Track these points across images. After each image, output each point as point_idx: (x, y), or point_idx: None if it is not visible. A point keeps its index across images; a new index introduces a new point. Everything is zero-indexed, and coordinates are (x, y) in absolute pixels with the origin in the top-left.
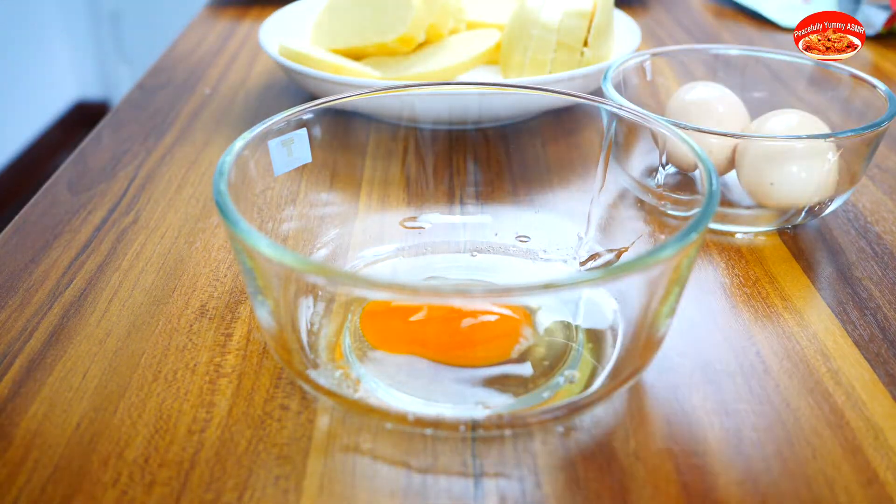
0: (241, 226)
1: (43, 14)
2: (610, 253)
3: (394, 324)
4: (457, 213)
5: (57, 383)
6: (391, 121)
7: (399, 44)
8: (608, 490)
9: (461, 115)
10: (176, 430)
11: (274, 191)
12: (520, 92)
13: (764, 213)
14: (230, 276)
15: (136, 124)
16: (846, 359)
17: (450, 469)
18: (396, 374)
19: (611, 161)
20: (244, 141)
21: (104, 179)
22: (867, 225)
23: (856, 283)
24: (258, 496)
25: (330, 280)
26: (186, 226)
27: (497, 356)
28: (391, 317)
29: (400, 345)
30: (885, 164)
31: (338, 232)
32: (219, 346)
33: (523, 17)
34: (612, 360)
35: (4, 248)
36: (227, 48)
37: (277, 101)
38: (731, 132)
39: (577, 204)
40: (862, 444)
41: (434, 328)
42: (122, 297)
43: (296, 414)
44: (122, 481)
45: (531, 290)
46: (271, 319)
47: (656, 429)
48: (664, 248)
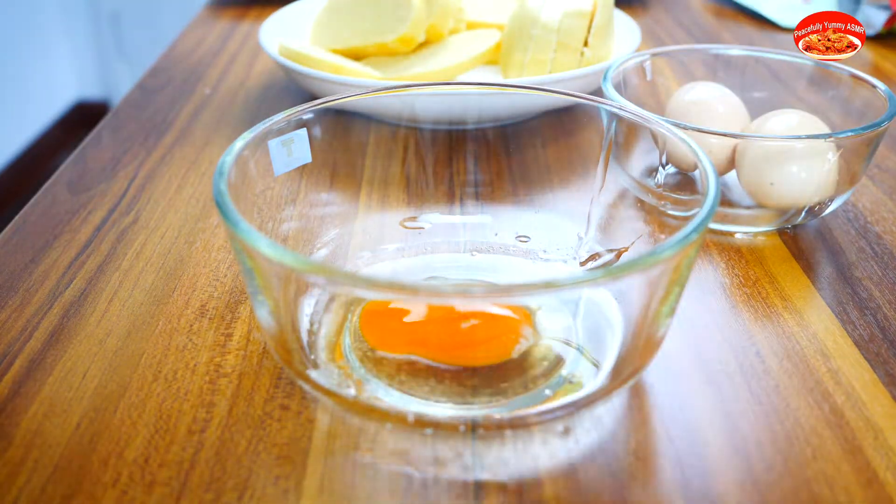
0: (241, 226)
1: (43, 14)
2: (610, 253)
3: (393, 324)
4: (457, 213)
5: (57, 383)
6: (391, 121)
7: (399, 44)
8: (608, 490)
9: (461, 115)
10: (176, 430)
11: (274, 191)
12: (520, 92)
13: (764, 213)
14: (230, 276)
15: (136, 124)
16: (846, 359)
17: (450, 469)
18: (396, 374)
19: (611, 161)
20: (244, 141)
21: (104, 179)
22: (867, 225)
23: (856, 283)
24: (258, 496)
25: (330, 280)
26: (186, 226)
27: (497, 356)
28: (390, 317)
29: (400, 345)
30: (885, 164)
31: (338, 232)
32: (219, 346)
33: (523, 17)
34: (612, 360)
35: (4, 248)
36: (227, 48)
37: (277, 101)
38: (731, 132)
39: (577, 204)
40: (862, 444)
41: (434, 328)
42: (122, 297)
43: (296, 414)
44: (122, 481)
45: (531, 290)
46: (271, 319)
47: (656, 429)
48: (664, 248)
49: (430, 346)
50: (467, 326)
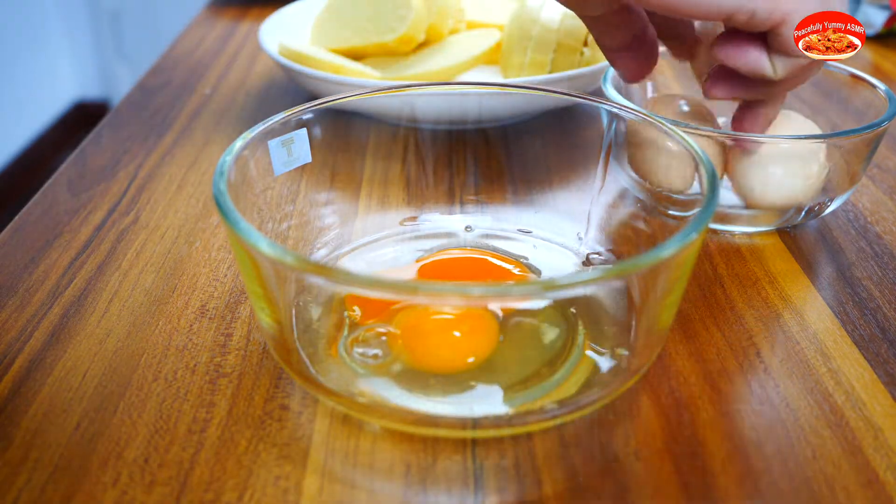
0: (241, 225)
1: (43, 14)
2: (610, 253)
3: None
4: (457, 213)
5: (57, 383)
6: (391, 121)
7: (399, 44)
8: (608, 490)
9: (461, 115)
10: (176, 430)
11: (274, 191)
12: (520, 92)
13: (763, 213)
14: (230, 276)
15: (136, 124)
16: (846, 359)
17: (450, 469)
18: (397, 374)
19: (611, 161)
20: (244, 141)
21: (104, 179)
22: (867, 225)
23: (856, 283)
24: (258, 496)
25: (330, 280)
26: (186, 226)
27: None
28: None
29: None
30: (885, 164)
31: (338, 232)
32: (219, 346)
33: (523, 17)
34: (612, 360)
35: (4, 248)
36: (227, 48)
37: (277, 101)
38: (731, 132)
39: (577, 204)
40: (862, 444)
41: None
42: (122, 297)
43: (296, 414)
44: (122, 481)
45: (531, 290)
46: (271, 319)
47: (656, 429)
48: (664, 248)
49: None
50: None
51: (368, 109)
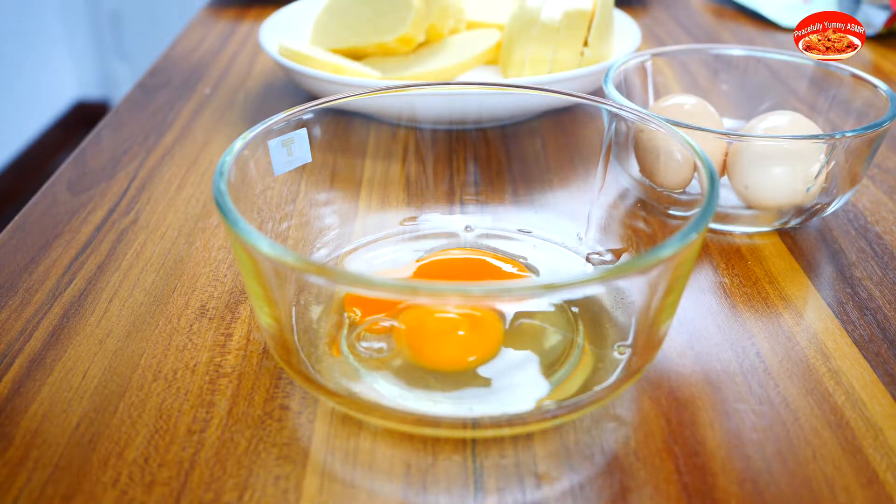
0: (241, 225)
1: (43, 14)
2: (610, 253)
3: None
4: (457, 213)
5: (57, 383)
6: (391, 121)
7: (399, 44)
8: (608, 490)
9: (461, 115)
10: (176, 430)
11: (274, 191)
12: (520, 92)
13: (763, 213)
14: (230, 276)
15: (136, 124)
16: (846, 359)
17: (450, 469)
18: (397, 374)
19: (611, 161)
20: (244, 141)
21: (104, 179)
22: (867, 225)
23: (856, 283)
24: (258, 496)
25: (330, 280)
26: (186, 226)
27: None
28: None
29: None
30: (885, 164)
31: (338, 232)
32: (219, 346)
33: (523, 17)
34: (612, 360)
35: (4, 248)
36: (227, 48)
37: (277, 101)
38: (731, 132)
39: (577, 204)
40: (862, 444)
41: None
42: (122, 297)
43: (296, 414)
44: (122, 481)
45: (531, 290)
46: (271, 319)
47: (656, 429)
48: (664, 248)
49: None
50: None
51: (368, 109)
